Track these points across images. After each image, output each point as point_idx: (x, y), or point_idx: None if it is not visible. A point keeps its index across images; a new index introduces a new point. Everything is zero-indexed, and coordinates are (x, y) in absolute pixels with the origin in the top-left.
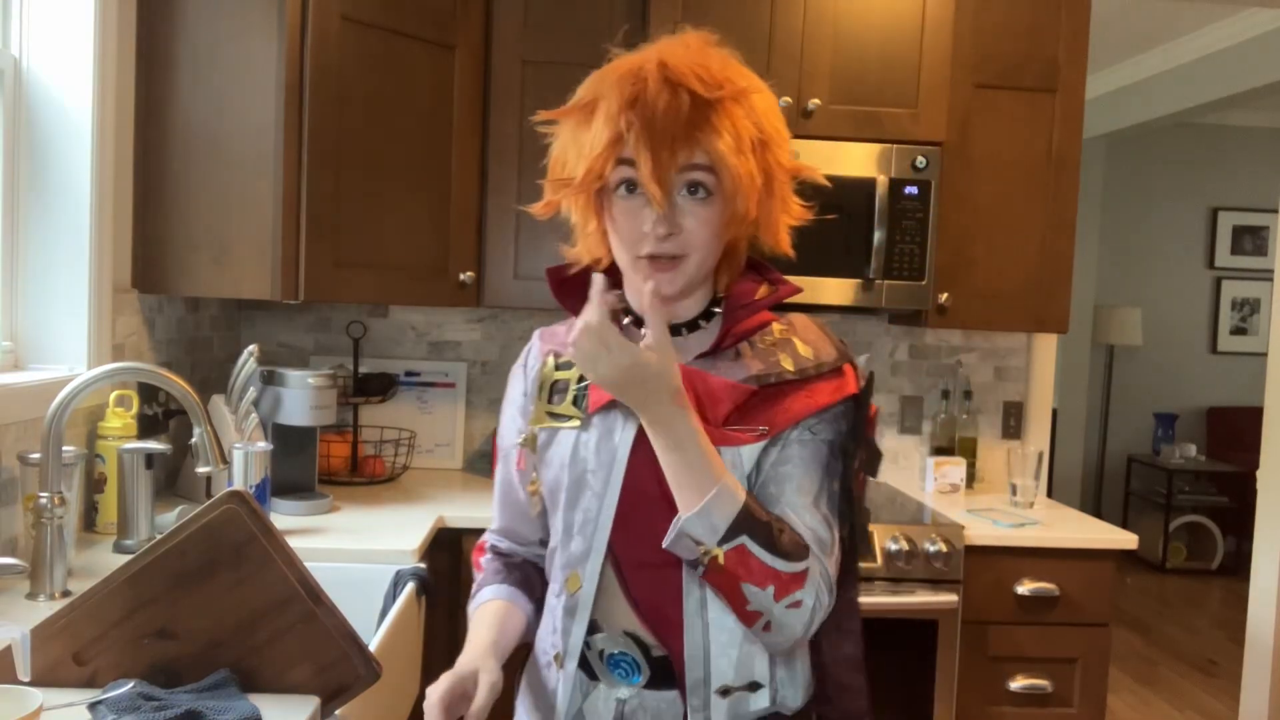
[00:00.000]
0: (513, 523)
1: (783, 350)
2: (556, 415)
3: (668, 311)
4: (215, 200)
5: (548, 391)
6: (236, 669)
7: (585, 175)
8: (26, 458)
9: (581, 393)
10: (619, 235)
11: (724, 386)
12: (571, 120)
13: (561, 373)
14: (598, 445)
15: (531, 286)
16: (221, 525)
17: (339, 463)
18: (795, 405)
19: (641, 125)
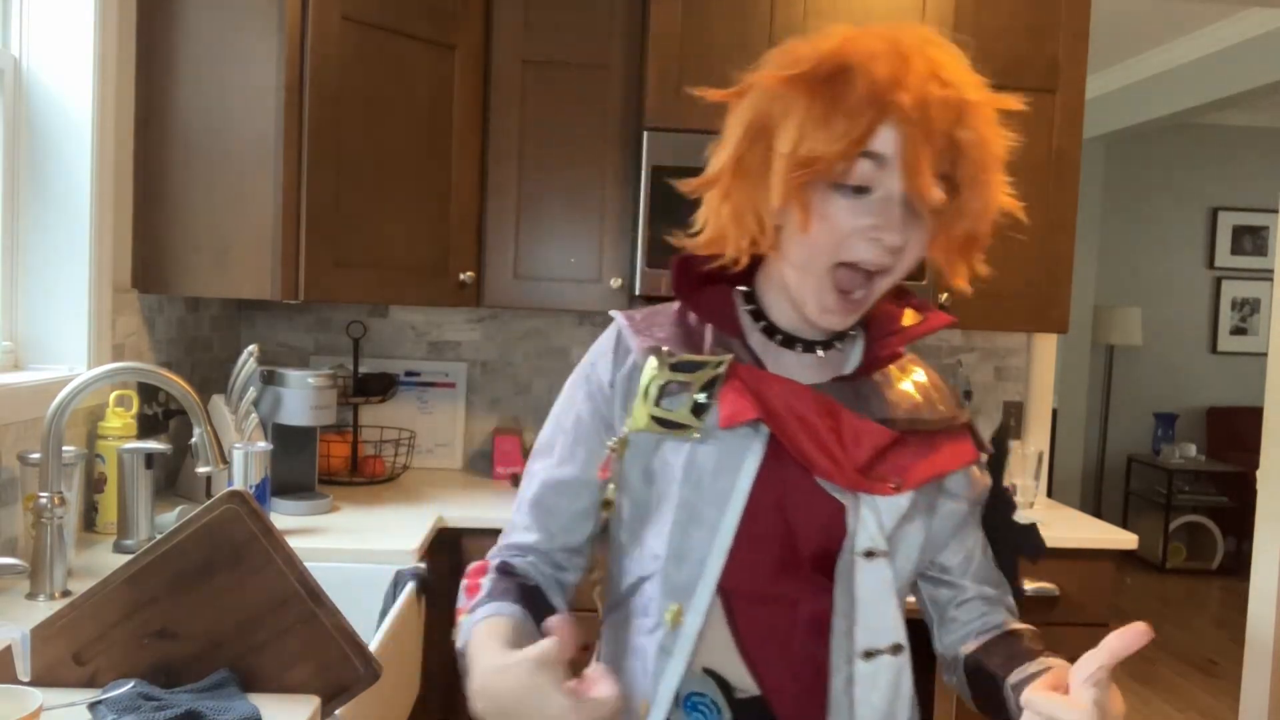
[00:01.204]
0: (550, 535)
1: (919, 390)
2: (666, 422)
3: None
4: (215, 200)
5: (656, 392)
6: (236, 669)
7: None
8: (26, 458)
9: (706, 401)
10: (821, 235)
11: (869, 430)
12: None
13: (679, 374)
14: (717, 464)
15: (531, 286)
16: (221, 525)
17: (339, 463)
18: (934, 460)
19: (910, 117)
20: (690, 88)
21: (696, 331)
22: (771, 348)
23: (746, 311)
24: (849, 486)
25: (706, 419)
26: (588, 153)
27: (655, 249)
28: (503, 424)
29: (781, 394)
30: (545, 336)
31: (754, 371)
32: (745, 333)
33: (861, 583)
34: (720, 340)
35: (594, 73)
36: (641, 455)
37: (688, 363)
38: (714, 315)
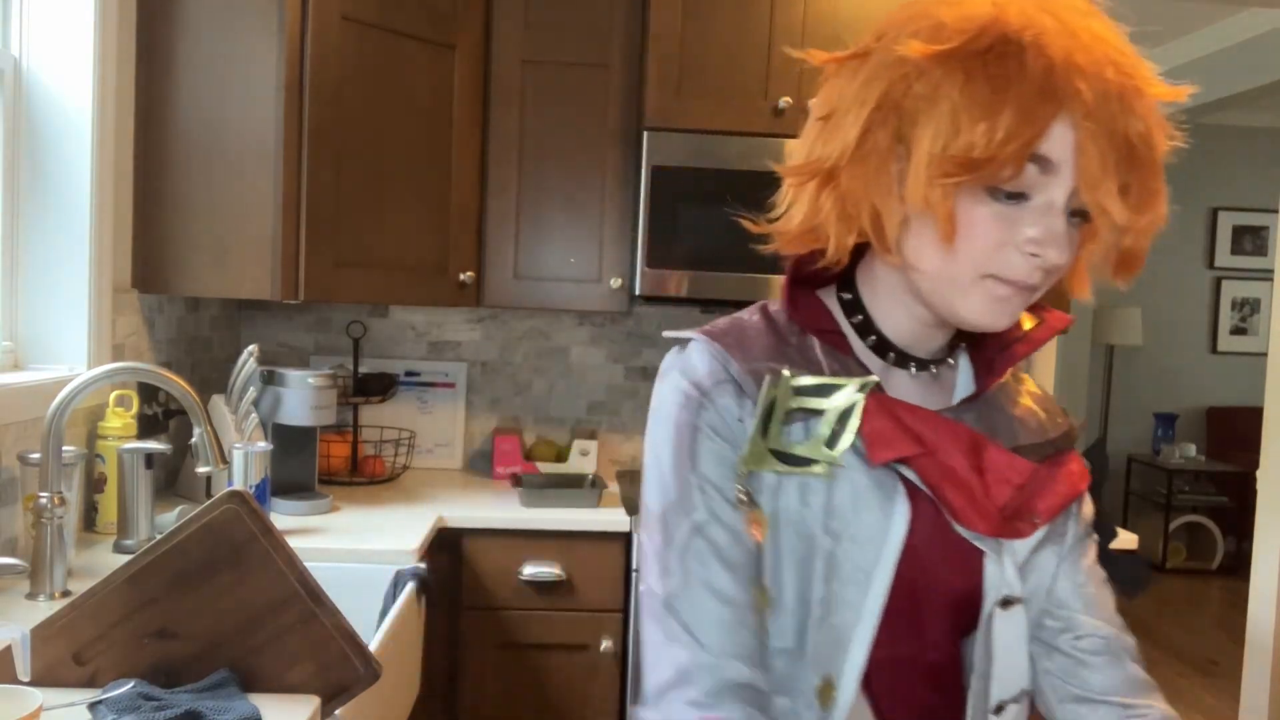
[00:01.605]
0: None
1: (1037, 404)
2: (790, 457)
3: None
4: (215, 200)
5: (778, 421)
6: (236, 669)
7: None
8: (26, 458)
9: (842, 430)
10: (966, 245)
11: (1013, 466)
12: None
13: (808, 399)
14: (859, 507)
15: (531, 286)
16: (221, 525)
17: (339, 463)
18: (1056, 489)
19: (1094, 114)
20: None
21: (798, 347)
22: (881, 367)
23: (856, 323)
24: (992, 533)
25: (839, 452)
26: (588, 153)
27: (655, 249)
28: (503, 424)
29: (924, 425)
30: (545, 336)
31: (886, 398)
32: (853, 349)
33: (999, 634)
34: (830, 355)
35: (594, 73)
36: (767, 499)
37: (819, 385)
38: (817, 325)
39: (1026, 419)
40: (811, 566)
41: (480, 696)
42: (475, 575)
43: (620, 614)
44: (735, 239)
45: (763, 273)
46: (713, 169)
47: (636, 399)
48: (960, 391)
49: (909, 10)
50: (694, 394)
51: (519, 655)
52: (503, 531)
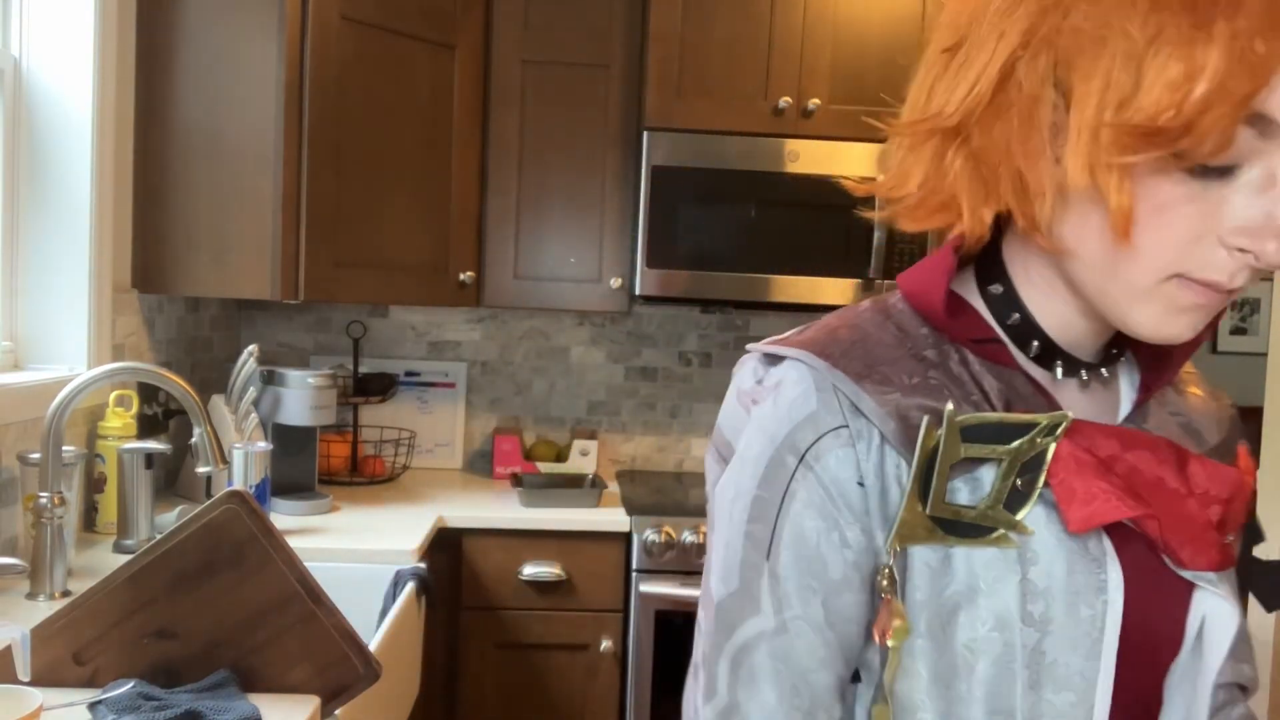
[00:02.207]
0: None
1: (1208, 394)
2: (958, 525)
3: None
4: (215, 200)
5: (942, 478)
6: (236, 669)
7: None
8: (26, 458)
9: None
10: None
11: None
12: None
13: (976, 446)
14: (1064, 586)
15: (531, 286)
16: (221, 525)
17: (339, 463)
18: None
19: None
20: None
21: (947, 362)
22: (1047, 380)
23: (1014, 324)
24: (1215, 566)
25: (1027, 513)
26: (588, 153)
27: (655, 249)
28: (503, 424)
29: (1116, 454)
30: (545, 336)
31: (1086, 428)
32: (1015, 358)
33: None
34: (991, 373)
35: (594, 73)
36: (926, 581)
37: (990, 426)
38: (976, 337)
39: (1204, 414)
40: (1010, 670)
41: (480, 696)
42: (475, 575)
43: (620, 614)
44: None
45: (764, 272)
46: (713, 169)
47: (636, 399)
48: (1125, 396)
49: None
50: (792, 452)
51: (519, 655)
52: (503, 531)
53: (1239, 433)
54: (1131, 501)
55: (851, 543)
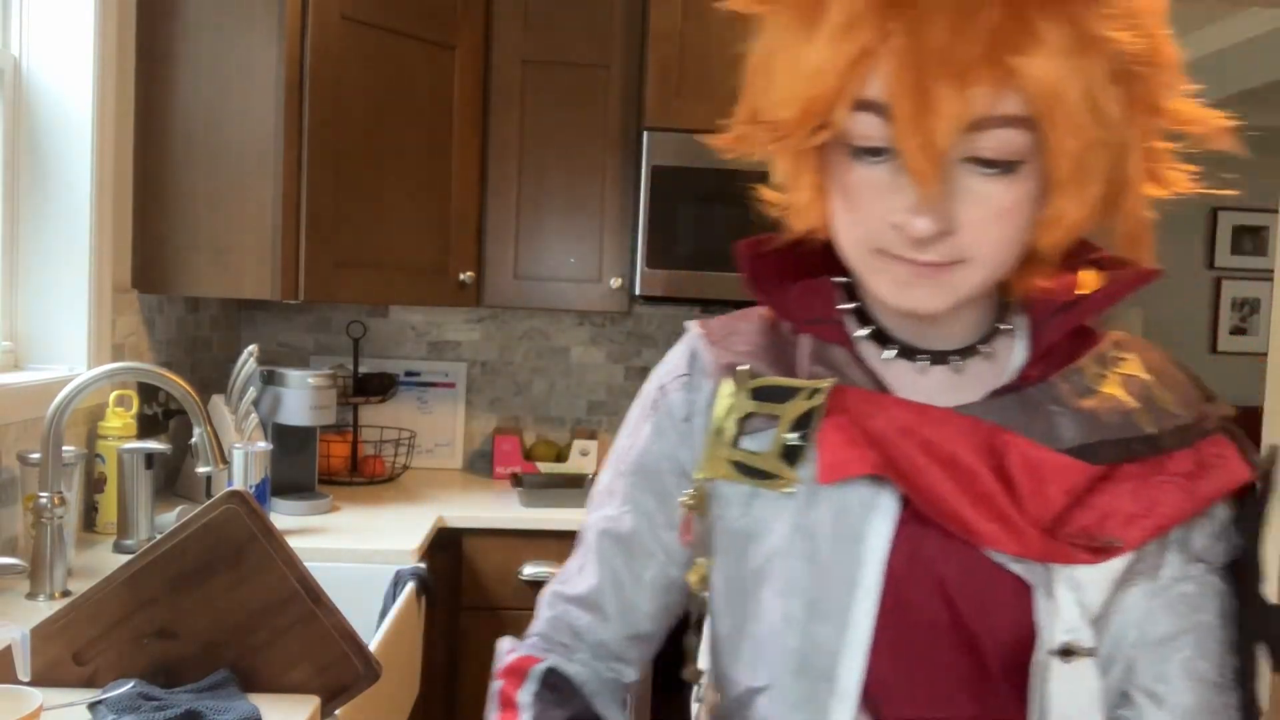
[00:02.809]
0: (611, 622)
1: (1133, 391)
2: (750, 469)
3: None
4: (215, 200)
5: (734, 427)
6: (236, 669)
7: (800, 120)
8: (26, 458)
9: (802, 443)
10: (850, 218)
11: (1056, 466)
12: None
13: (764, 404)
14: (835, 530)
15: (531, 286)
16: (221, 525)
17: (339, 463)
18: (1161, 500)
19: (906, 44)
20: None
21: (791, 342)
22: (888, 359)
23: (852, 312)
24: (1034, 556)
25: (803, 467)
26: (588, 153)
27: (655, 249)
28: (503, 424)
29: (910, 427)
30: (545, 336)
31: (869, 398)
32: (857, 343)
33: (1056, 695)
34: (822, 355)
35: (594, 73)
36: (733, 513)
37: (776, 388)
38: (811, 318)
39: (1100, 410)
40: (788, 600)
41: (480, 696)
42: (475, 575)
43: None
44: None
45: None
46: (713, 169)
47: None
48: (995, 381)
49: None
50: (653, 388)
51: None
52: (503, 531)
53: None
54: (876, 462)
55: (681, 462)
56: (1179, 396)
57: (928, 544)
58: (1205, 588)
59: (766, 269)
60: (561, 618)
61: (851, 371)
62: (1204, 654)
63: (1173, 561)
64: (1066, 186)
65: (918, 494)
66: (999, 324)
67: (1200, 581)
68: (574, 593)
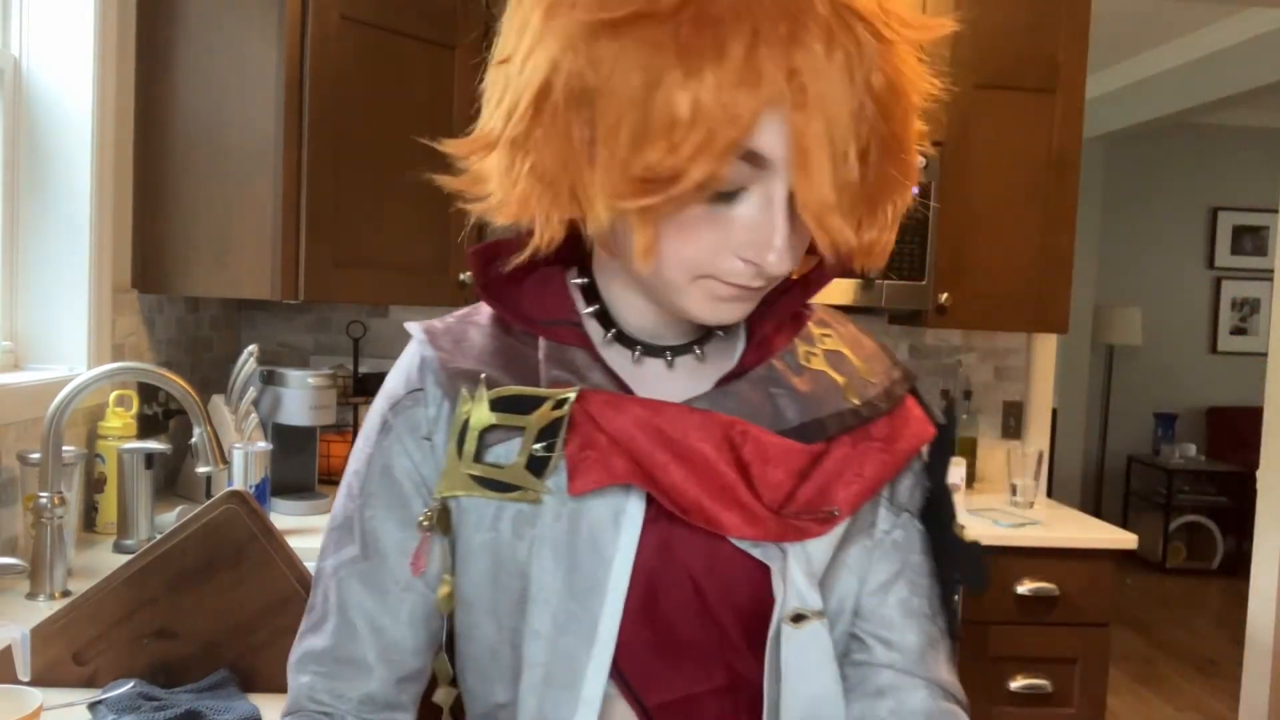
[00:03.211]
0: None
1: (837, 366)
2: (495, 483)
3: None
4: (215, 200)
5: (474, 441)
6: (236, 669)
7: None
8: (26, 458)
9: (548, 455)
10: (681, 249)
11: (782, 449)
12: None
13: (505, 415)
14: (582, 538)
15: None
16: (221, 525)
17: (339, 463)
18: (869, 464)
19: (814, 101)
20: None
21: (523, 344)
22: (628, 360)
23: (589, 313)
24: (770, 539)
25: (552, 478)
26: None
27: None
28: None
29: (653, 426)
30: None
31: (611, 400)
32: (593, 341)
33: (789, 656)
34: (560, 357)
35: None
36: (478, 529)
37: (518, 398)
38: (547, 320)
39: (810, 389)
40: (538, 612)
41: None
42: None
43: None
44: None
45: None
46: None
47: None
48: (721, 369)
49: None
50: (383, 404)
51: None
52: None
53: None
54: (633, 471)
55: (425, 479)
56: (873, 366)
57: (675, 538)
58: (911, 532)
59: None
60: (316, 682)
61: (592, 374)
62: (916, 591)
63: (884, 516)
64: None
65: (663, 494)
66: None
67: (906, 527)
68: (324, 648)
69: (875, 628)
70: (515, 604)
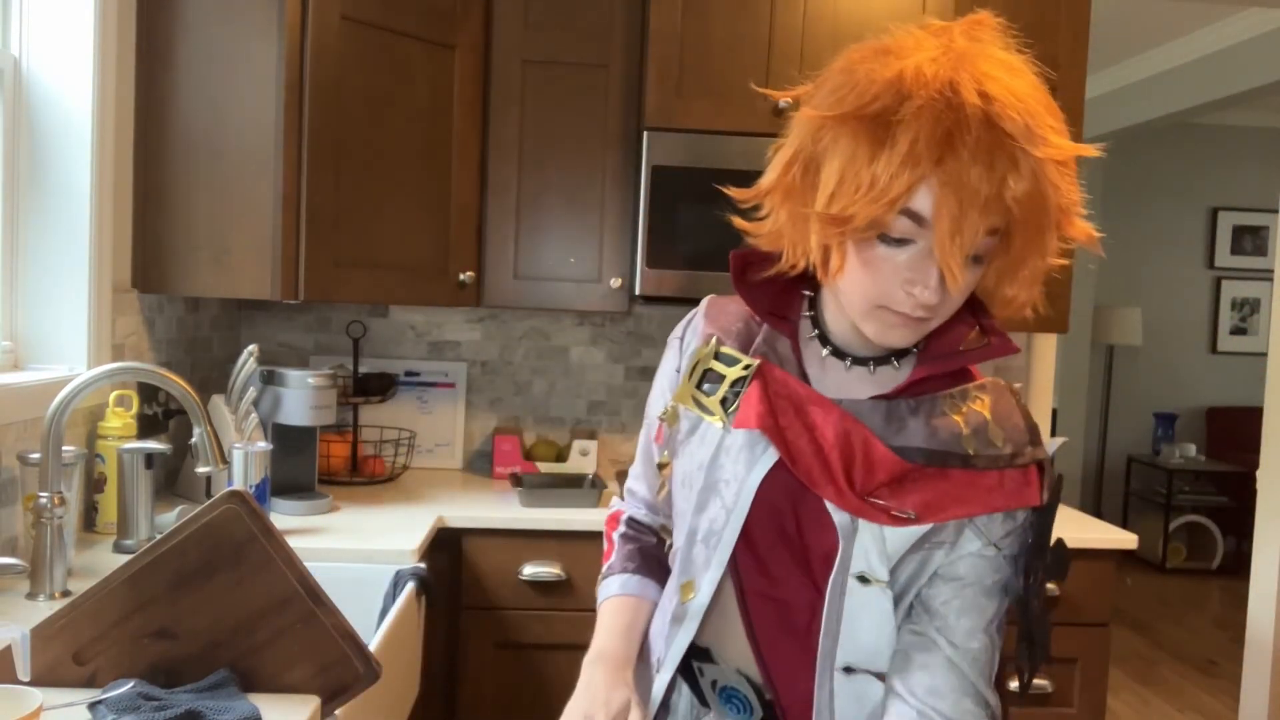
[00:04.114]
0: (652, 492)
1: (970, 422)
2: (702, 406)
3: None
4: (215, 200)
5: (699, 375)
6: (236, 669)
7: (865, 221)
8: (26, 458)
9: (733, 397)
10: (866, 281)
11: (886, 460)
12: (848, 127)
13: (719, 364)
14: (738, 457)
15: (531, 286)
16: (221, 525)
17: (339, 463)
18: (965, 498)
19: (952, 182)
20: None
21: (755, 328)
22: (819, 357)
23: (807, 317)
24: (849, 510)
25: (730, 415)
26: (588, 153)
27: (655, 249)
28: (503, 424)
29: (801, 407)
30: (545, 336)
31: (785, 379)
32: (800, 337)
33: (850, 605)
34: (770, 339)
35: (594, 73)
36: (685, 432)
37: (730, 356)
38: (769, 312)
39: (941, 428)
40: (702, 494)
41: (480, 696)
42: (475, 575)
43: None
44: (735, 239)
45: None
46: (713, 169)
47: (636, 399)
48: (882, 388)
49: (845, 59)
50: (675, 337)
51: (519, 655)
52: (503, 531)
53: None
54: (766, 421)
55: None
56: (1007, 435)
57: (789, 483)
58: (997, 563)
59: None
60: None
61: (785, 357)
62: (985, 595)
63: (972, 538)
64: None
65: (786, 452)
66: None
67: (994, 559)
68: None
69: (937, 606)
70: (696, 488)
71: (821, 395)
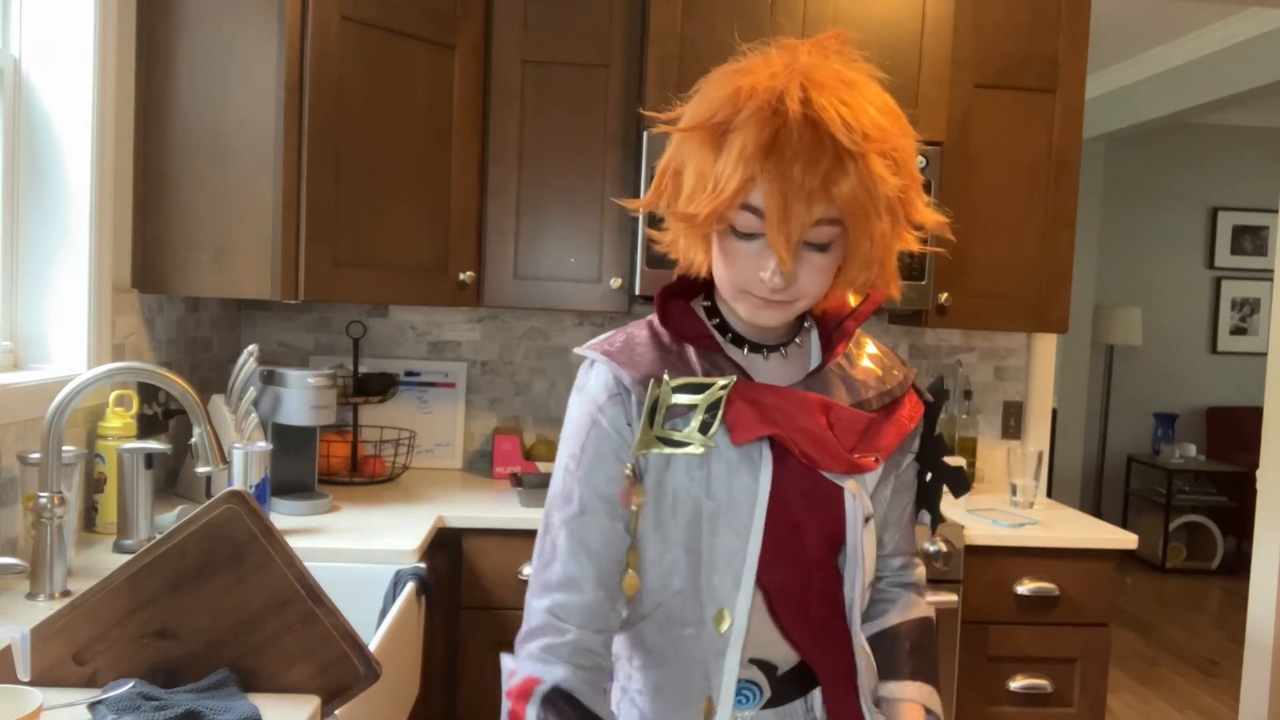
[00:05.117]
0: (596, 582)
1: (878, 365)
2: (673, 442)
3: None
4: (215, 200)
5: (661, 416)
6: (236, 669)
7: (706, 217)
8: (26, 458)
9: (711, 419)
10: (727, 269)
11: (854, 417)
12: (696, 137)
13: (683, 397)
14: (733, 476)
15: (531, 286)
16: (221, 525)
17: (339, 463)
18: (891, 430)
19: (777, 178)
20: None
21: (674, 351)
22: (742, 356)
23: (714, 325)
24: (845, 471)
25: (714, 436)
26: (588, 153)
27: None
28: (503, 424)
29: (779, 403)
30: (545, 336)
31: (749, 386)
32: (721, 346)
33: (863, 542)
34: (705, 357)
35: (594, 73)
36: (654, 475)
37: (691, 385)
38: (690, 334)
39: (865, 378)
40: (699, 525)
41: (480, 696)
42: (475, 575)
43: None
44: None
45: None
46: None
47: None
48: (811, 365)
49: (706, 80)
50: (589, 411)
51: None
52: (503, 531)
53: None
54: (770, 426)
55: (623, 457)
56: (892, 364)
57: (790, 471)
58: (913, 469)
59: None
60: (551, 606)
61: (727, 367)
62: (911, 500)
63: (900, 462)
64: (858, 261)
65: (789, 442)
66: (804, 324)
67: (911, 466)
68: (556, 579)
69: (891, 522)
70: (687, 522)
71: (785, 387)
